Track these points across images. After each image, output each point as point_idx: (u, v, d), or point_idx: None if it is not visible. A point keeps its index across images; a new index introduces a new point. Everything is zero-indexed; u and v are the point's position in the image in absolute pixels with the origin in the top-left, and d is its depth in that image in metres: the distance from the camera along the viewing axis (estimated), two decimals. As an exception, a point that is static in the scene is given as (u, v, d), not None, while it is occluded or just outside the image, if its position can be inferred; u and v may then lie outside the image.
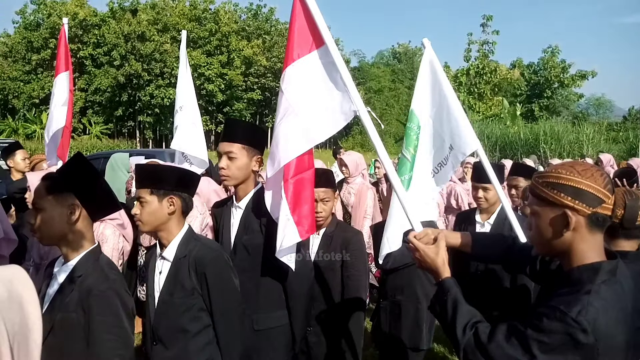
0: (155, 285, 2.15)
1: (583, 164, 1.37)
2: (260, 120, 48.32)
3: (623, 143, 26.11)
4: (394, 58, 63.86)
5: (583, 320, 1.18)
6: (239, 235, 2.46)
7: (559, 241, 1.35)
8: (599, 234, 1.35)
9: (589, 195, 1.30)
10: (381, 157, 2.13)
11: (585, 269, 1.32)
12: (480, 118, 33.67)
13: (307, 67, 2.27)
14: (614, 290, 1.27)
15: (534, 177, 1.43)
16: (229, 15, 44.66)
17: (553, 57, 39.14)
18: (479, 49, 37.00)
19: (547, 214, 1.36)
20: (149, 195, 2.08)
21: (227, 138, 2.42)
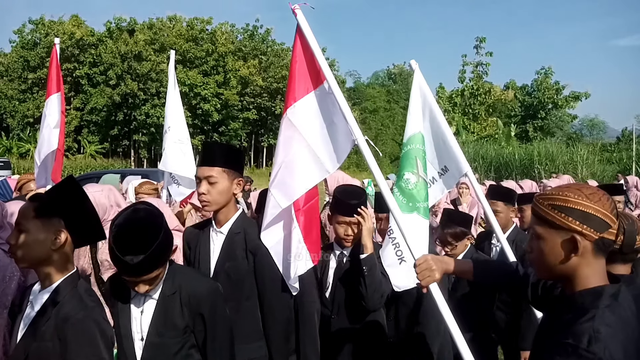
0: (134, 326, 1.94)
1: (589, 187, 1.33)
2: (256, 140, 48.47)
3: (617, 164, 26.30)
4: (389, 79, 64.51)
5: (596, 349, 1.14)
6: (221, 261, 2.33)
7: (564, 266, 1.31)
8: (603, 259, 1.32)
9: (597, 220, 1.27)
10: (380, 183, 2.19)
11: (588, 293, 1.29)
12: (475, 138, 33.90)
13: (313, 102, 2.36)
14: (618, 315, 1.24)
15: (536, 198, 1.39)
16: (226, 36, 45.06)
17: (546, 79, 39.68)
18: (473, 70, 37.52)
19: (553, 238, 1.32)
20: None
21: (206, 162, 2.29)
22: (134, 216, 1.78)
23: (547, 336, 1.31)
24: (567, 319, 1.27)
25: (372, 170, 2.20)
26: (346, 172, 17.76)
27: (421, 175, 2.97)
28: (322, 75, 2.30)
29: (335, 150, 2.31)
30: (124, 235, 1.73)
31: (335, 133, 2.29)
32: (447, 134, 3.07)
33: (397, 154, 31.95)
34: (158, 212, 1.83)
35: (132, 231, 1.74)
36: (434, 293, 1.96)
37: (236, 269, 2.31)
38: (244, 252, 2.33)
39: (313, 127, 2.34)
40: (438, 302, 1.97)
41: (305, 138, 2.34)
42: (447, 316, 1.95)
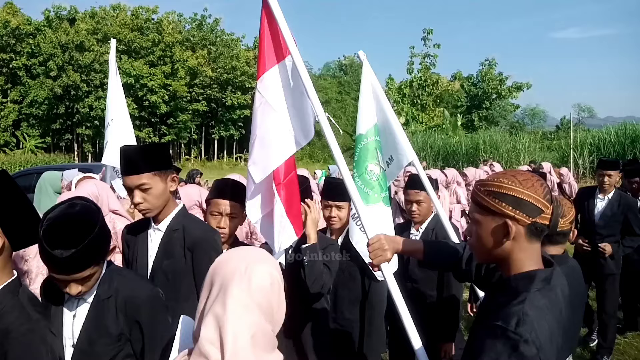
0: (66, 331, 1.76)
1: (524, 174, 1.37)
2: (207, 132, 47.59)
3: (556, 151, 27.60)
4: (340, 70, 64.80)
5: (523, 330, 1.17)
6: (158, 260, 2.23)
7: (498, 250, 1.35)
8: (537, 243, 1.36)
9: (530, 205, 1.30)
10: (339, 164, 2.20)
11: (521, 277, 1.32)
12: (424, 128, 34.67)
13: (282, 74, 2.37)
14: (548, 298, 1.27)
15: (475, 184, 1.42)
16: (173, 26, 43.83)
17: (490, 70, 40.99)
18: (421, 61, 38.21)
19: (488, 223, 1.35)
20: None
21: (132, 170, 2.13)
22: (69, 210, 1.64)
23: (484, 317, 1.35)
24: (501, 302, 1.30)
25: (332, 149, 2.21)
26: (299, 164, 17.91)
27: (381, 166, 3.05)
28: (287, 49, 2.30)
29: (307, 122, 2.35)
30: (56, 228, 1.58)
31: (305, 106, 2.32)
32: (393, 123, 3.13)
33: (349, 144, 32.23)
34: (95, 208, 1.69)
35: (64, 224, 1.60)
36: (385, 272, 1.99)
37: (174, 267, 2.21)
38: (182, 249, 2.22)
39: (282, 100, 2.35)
40: (389, 282, 1.99)
41: (275, 109, 2.35)
42: (397, 297, 1.95)
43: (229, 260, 1.17)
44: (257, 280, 1.12)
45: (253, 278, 1.12)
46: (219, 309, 1.08)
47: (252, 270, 1.13)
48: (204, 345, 1.06)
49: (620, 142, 23.89)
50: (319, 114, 2.22)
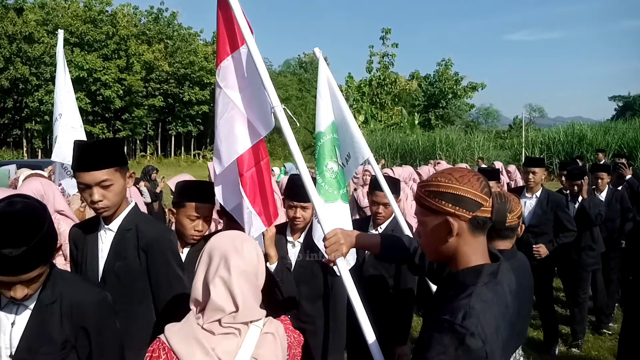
0: (3, 340, 1.65)
1: (460, 170, 1.41)
2: (163, 128, 46.52)
3: (509, 149, 28.59)
4: (300, 67, 64.70)
5: (469, 324, 1.20)
6: (110, 262, 2.13)
7: (445, 247, 1.38)
8: (482, 236, 1.40)
9: (468, 200, 1.34)
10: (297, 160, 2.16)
11: (469, 271, 1.36)
12: (383, 127, 35.14)
13: (237, 63, 2.35)
14: (494, 292, 1.30)
15: (417, 186, 1.45)
16: (128, 18, 42.52)
17: (447, 70, 41.96)
18: (380, 60, 38.71)
19: (431, 222, 1.39)
20: None
21: (94, 165, 2.02)
22: (10, 209, 1.53)
23: (433, 311, 1.37)
24: (449, 295, 1.33)
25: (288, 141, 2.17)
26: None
27: (340, 163, 3.07)
28: (243, 38, 2.27)
29: (266, 112, 2.30)
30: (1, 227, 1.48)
31: (263, 95, 2.27)
32: (349, 121, 3.14)
33: (310, 142, 32.28)
34: (40, 205, 1.62)
35: (10, 222, 1.50)
36: (341, 267, 1.98)
37: (127, 269, 2.13)
38: (135, 250, 2.15)
39: (238, 90, 2.34)
40: (344, 277, 1.98)
41: (233, 99, 2.34)
42: (351, 292, 1.95)
43: (222, 240, 1.55)
44: (247, 253, 1.51)
45: (244, 252, 1.51)
46: (224, 274, 1.46)
47: (243, 246, 1.52)
48: (216, 301, 1.44)
49: (568, 141, 24.99)
50: (275, 106, 2.18)
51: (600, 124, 29.32)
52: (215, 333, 1.45)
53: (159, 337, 1.52)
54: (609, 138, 23.86)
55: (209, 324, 1.45)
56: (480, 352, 1.17)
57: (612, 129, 25.38)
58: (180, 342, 1.45)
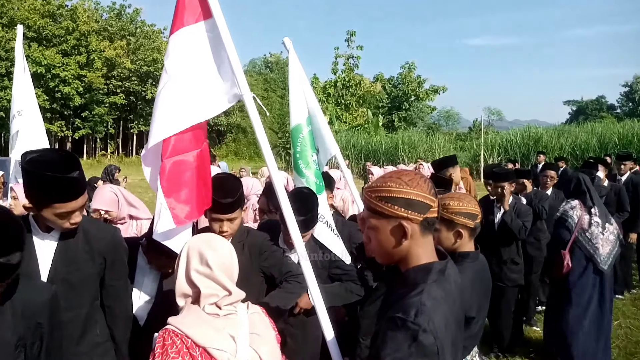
0: None
1: (408, 174, 1.43)
2: (125, 126, 45.50)
3: (468, 151, 29.36)
4: (266, 67, 64.47)
5: (421, 320, 1.22)
6: (57, 269, 2.02)
7: (399, 250, 1.41)
8: (430, 236, 1.43)
9: (419, 203, 1.37)
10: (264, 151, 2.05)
11: (419, 269, 1.39)
12: (347, 128, 35.48)
13: (192, 38, 2.10)
14: (443, 289, 1.34)
15: (366, 191, 1.47)
16: (89, 14, 41.40)
17: (410, 73, 42.70)
18: (345, 62, 39.07)
19: (384, 227, 1.40)
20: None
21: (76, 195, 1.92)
22: None
23: (385, 309, 1.40)
24: (401, 293, 1.36)
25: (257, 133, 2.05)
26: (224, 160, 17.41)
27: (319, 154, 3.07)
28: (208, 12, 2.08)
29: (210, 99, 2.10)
30: None
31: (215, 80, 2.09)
32: (318, 115, 3.12)
33: (275, 142, 32.26)
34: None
35: None
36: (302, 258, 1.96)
37: (78, 274, 2.07)
38: (86, 254, 2.09)
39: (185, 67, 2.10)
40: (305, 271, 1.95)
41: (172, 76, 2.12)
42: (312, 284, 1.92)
43: (198, 240, 1.73)
44: (221, 250, 1.71)
45: (218, 249, 1.70)
46: (205, 269, 1.64)
47: (217, 244, 1.72)
48: (208, 289, 1.62)
49: (525, 144, 25.92)
50: (244, 94, 2.04)
51: (555, 128, 30.59)
52: (219, 315, 1.63)
53: (165, 327, 1.58)
54: (563, 141, 24.93)
55: (210, 306, 1.63)
56: (432, 347, 1.21)
57: (565, 132, 26.51)
58: (192, 327, 1.57)
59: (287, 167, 24.46)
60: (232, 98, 2.08)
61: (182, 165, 2.16)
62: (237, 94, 2.06)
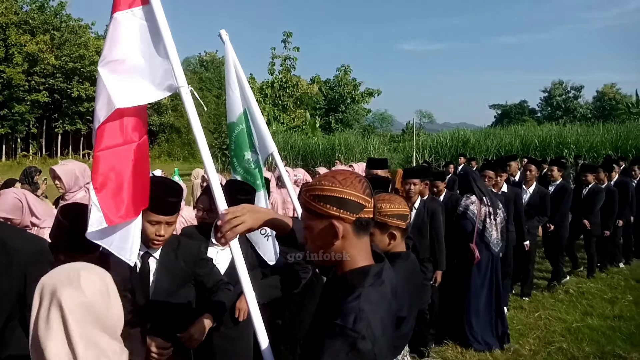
0: None
1: (343, 173, 1.41)
2: (49, 126, 42.95)
3: (401, 152, 30.27)
4: (201, 66, 63.12)
5: (360, 327, 1.20)
6: None
7: (331, 250, 1.39)
8: (365, 237, 1.41)
9: (352, 202, 1.35)
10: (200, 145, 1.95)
11: (356, 272, 1.37)
12: (285, 129, 35.50)
13: (126, 24, 1.99)
14: (379, 292, 1.32)
15: (302, 191, 1.45)
16: (7, 5, 38.72)
17: (346, 75, 43.39)
18: (282, 63, 39.07)
19: (317, 226, 1.38)
20: None
21: None
22: None
23: (322, 314, 1.38)
24: (338, 297, 1.34)
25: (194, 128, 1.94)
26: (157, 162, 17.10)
27: (258, 153, 2.99)
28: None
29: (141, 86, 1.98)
30: None
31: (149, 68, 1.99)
32: (255, 111, 3.00)
33: (211, 142, 31.65)
34: None
35: None
36: (234, 252, 1.82)
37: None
38: (5, 268, 1.94)
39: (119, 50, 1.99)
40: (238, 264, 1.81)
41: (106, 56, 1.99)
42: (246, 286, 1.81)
43: (54, 273, 1.26)
44: (85, 280, 1.22)
45: (81, 281, 1.21)
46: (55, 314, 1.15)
47: (80, 274, 1.23)
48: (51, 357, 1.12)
49: (454, 145, 27.07)
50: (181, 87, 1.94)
51: (482, 130, 32.29)
52: None
53: None
54: (489, 142, 26.29)
55: None
56: (370, 354, 1.19)
57: (491, 135, 27.99)
58: None
59: (223, 169, 24.09)
60: (167, 89, 1.97)
61: (116, 159, 1.98)
62: (173, 85, 1.95)
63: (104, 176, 1.96)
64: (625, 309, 6.09)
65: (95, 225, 1.92)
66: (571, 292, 6.76)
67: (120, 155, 1.99)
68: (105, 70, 1.98)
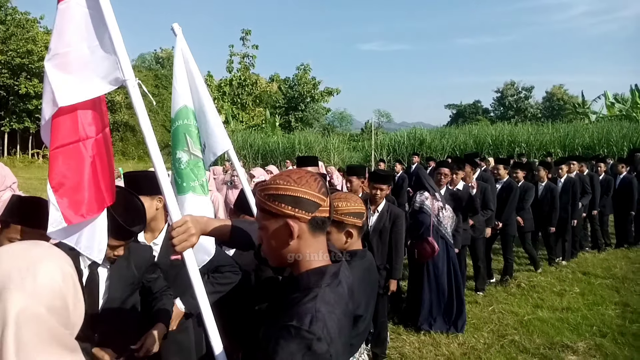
0: None
1: (298, 172, 1.40)
2: (-6, 124, 40.92)
3: (361, 151, 30.64)
4: (156, 63, 61.70)
5: (316, 328, 1.19)
6: None
7: (287, 250, 1.37)
8: (322, 236, 1.40)
9: (307, 201, 1.34)
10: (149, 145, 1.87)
11: (313, 273, 1.36)
12: (244, 127, 35.24)
13: (73, 11, 1.91)
14: (336, 292, 1.31)
15: (257, 190, 1.44)
16: (-54, -4, 36.66)
17: (305, 74, 43.42)
18: (240, 61, 38.75)
19: (272, 226, 1.36)
20: None
21: None
22: None
23: (276, 315, 1.35)
24: (293, 298, 1.31)
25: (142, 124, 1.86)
26: (110, 161, 16.30)
27: (193, 152, 2.81)
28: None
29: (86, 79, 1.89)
30: None
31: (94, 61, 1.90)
32: (206, 108, 2.89)
33: (167, 141, 30.99)
34: None
35: None
36: (188, 261, 1.78)
37: None
38: None
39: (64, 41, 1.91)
40: (191, 273, 1.78)
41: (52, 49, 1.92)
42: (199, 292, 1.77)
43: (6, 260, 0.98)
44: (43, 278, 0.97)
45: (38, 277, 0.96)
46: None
47: (37, 273, 0.97)
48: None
49: (411, 144, 27.64)
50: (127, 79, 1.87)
51: (438, 129, 33.07)
52: None
53: None
54: (444, 142, 26.97)
55: None
56: (326, 355, 1.19)
57: (447, 134, 28.73)
58: None
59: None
60: (113, 82, 1.88)
61: (72, 156, 1.92)
62: (119, 79, 1.86)
63: (61, 175, 1.90)
64: (572, 301, 6.38)
65: (55, 225, 1.88)
66: (523, 286, 7.01)
67: (77, 152, 1.93)
68: (50, 65, 1.91)
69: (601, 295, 6.61)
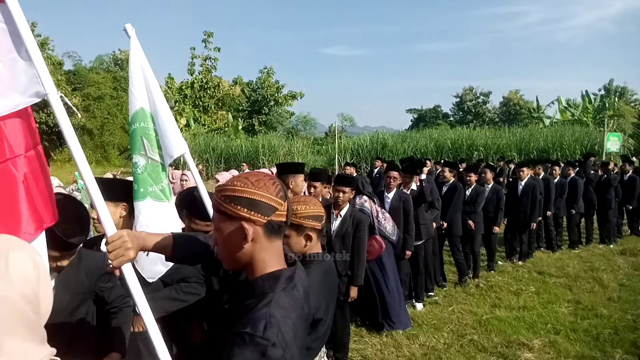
0: None
1: (257, 175, 1.39)
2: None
3: (324, 155, 30.78)
4: (115, 64, 60.18)
5: (270, 334, 1.18)
6: None
7: (241, 254, 1.35)
8: (278, 241, 1.38)
9: (263, 204, 1.32)
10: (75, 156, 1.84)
11: (267, 277, 1.34)
12: (206, 131, 34.77)
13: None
14: (291, 297, 1.30)
15: (215, 192, 1.41)
16: None
17: (269, 77, 43.26)
18: (202, 63, 38.25)
19: (227, 228, 1.34)
20: None
21: None
22: None
23: (232, 321, 1.32)
24: (248, 304, 1.30)
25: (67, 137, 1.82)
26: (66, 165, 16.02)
27: (150, 156, 2.76)
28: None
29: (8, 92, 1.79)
30: None
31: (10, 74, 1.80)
32: (160, 110, 2.82)
33: (127, 145, 30.26)
34: None
35: None
36: (127, 275, 1.74)
37: None
38: None
39: None
40: (131, 287, 1.73)
41: None
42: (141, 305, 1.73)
43: None
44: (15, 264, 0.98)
45: (10, 262, 0.97)
46: None
47: (9, 261, 0.97)
48: None
49: (374, 148, 28.00)
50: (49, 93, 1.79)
51: (399, 133, 33.64)
52: None
53: None
54: (406, 145, 27.48)
55: None
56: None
57: (408, 138, 29.29)
58: None
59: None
60: (34, 95, 1.81)
61: (2, 177, 1.79)
62: (40, 92, 1.80)
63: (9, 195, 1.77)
64: (528, 300, 6.60)
65: None
66: (481, 286, 7.20)
67: (7, 172, 1.80)
68: None
69: (555, 294, 6.87)
